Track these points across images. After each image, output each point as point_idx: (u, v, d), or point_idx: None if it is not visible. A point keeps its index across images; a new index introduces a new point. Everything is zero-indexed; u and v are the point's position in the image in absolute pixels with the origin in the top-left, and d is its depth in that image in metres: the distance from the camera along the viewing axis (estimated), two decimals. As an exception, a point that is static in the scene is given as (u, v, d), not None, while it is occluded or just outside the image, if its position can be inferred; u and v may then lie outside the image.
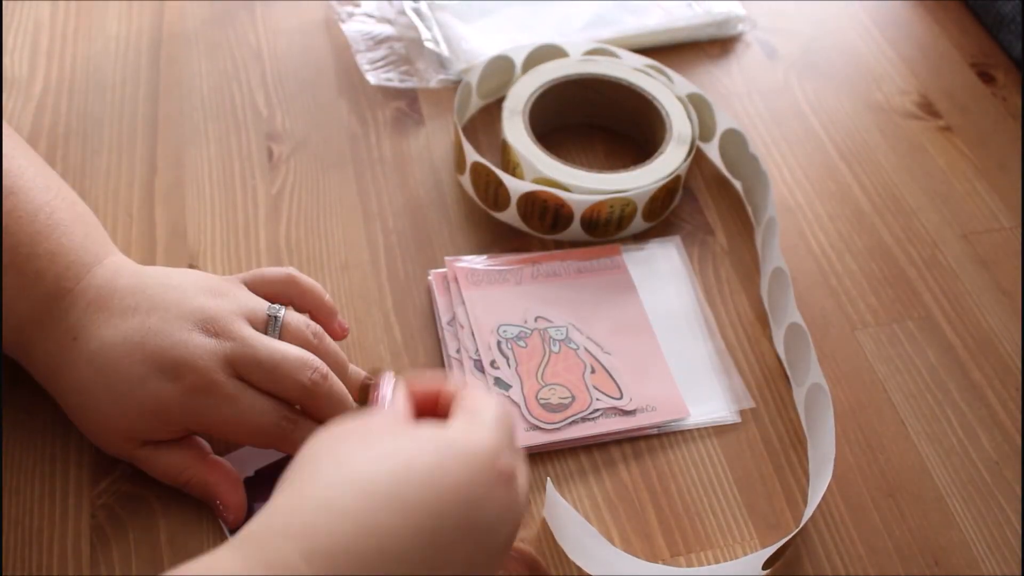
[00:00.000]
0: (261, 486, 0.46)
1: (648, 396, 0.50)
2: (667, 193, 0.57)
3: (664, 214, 0.59)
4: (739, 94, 0.68)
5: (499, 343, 0.52)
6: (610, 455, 0.49)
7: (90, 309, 0.45)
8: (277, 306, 0.47)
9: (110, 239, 0.49)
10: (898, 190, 0.63)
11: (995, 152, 0.65)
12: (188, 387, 0.43)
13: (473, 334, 0.52)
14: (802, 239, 0.59)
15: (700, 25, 0.70)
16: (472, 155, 0.56)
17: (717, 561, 0.46)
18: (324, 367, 0.45)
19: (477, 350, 0.51)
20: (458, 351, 0.51)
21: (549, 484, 0.44)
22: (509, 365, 0.51)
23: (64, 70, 0.65)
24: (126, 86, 0.64)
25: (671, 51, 0.70)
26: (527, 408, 0.49)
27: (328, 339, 0.48)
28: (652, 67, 0.63)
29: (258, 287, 0.48)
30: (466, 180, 0.59)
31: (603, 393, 0.50)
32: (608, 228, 0.57)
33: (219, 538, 0.45)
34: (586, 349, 0.52)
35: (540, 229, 0.57)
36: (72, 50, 0.66)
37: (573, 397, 0.50)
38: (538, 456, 0.49)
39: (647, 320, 0.54)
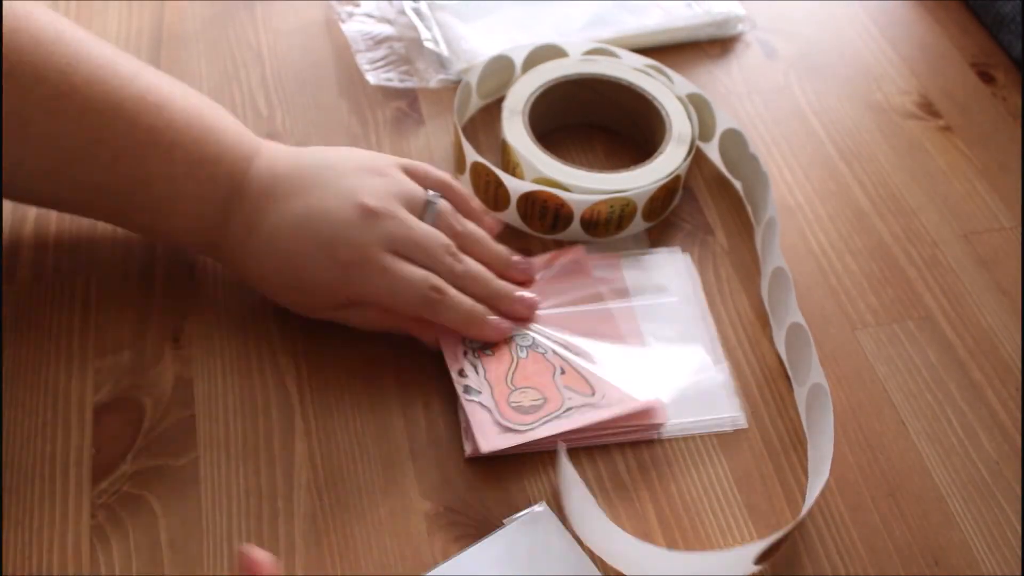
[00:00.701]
0: None
1: (623, 393, 0.50)
2: (667, 193, 0.57)
3: (664, 214, 0.59)
4: (739, 94, 0.68)
5: (465, 352, 0.51)
6: (610, 455, 0.49)
7: (260, 201, 0.49)
8: (434, 193, 0.50)
9: (255, 134, 0.52)
10: (898, 190, 0.63)
11: (995, 152, 0.65)
12: (345, 262, 0.47)
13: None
14: (802, 239, 0.59)
15: (700, 25, 0.70)
16: (472, 155, 0.56)
17: (717, 561, 0.46)
18: (459, 254, 0.50)
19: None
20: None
21: (561, 451, 0.44)
22: (477, 373, 0.50)
23: (64, 70, 0.65)
24: (126, 86, 0.64)
25: (671, 51, 0.70)
26: (499, 411, 0.49)
27: (470, 224, 0.52)
28: (652, 67, 0.63)
29: (415, 177, 0.52)
30: (466, 180, 0.59)
31: (575, 392, 0.50)
32: (608, 228, 0.57)
33: (218, 538, 0.45)
34: (555, 352, 0.52)
35: (540, 229, 0.57)
36: (72, 50, 0.66)
37: (545, 398, 0.49)
38: (537, 456, 0.48)
39: (635, 320, 0.54)
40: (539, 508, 0.46)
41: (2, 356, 0.49)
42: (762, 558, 0.44)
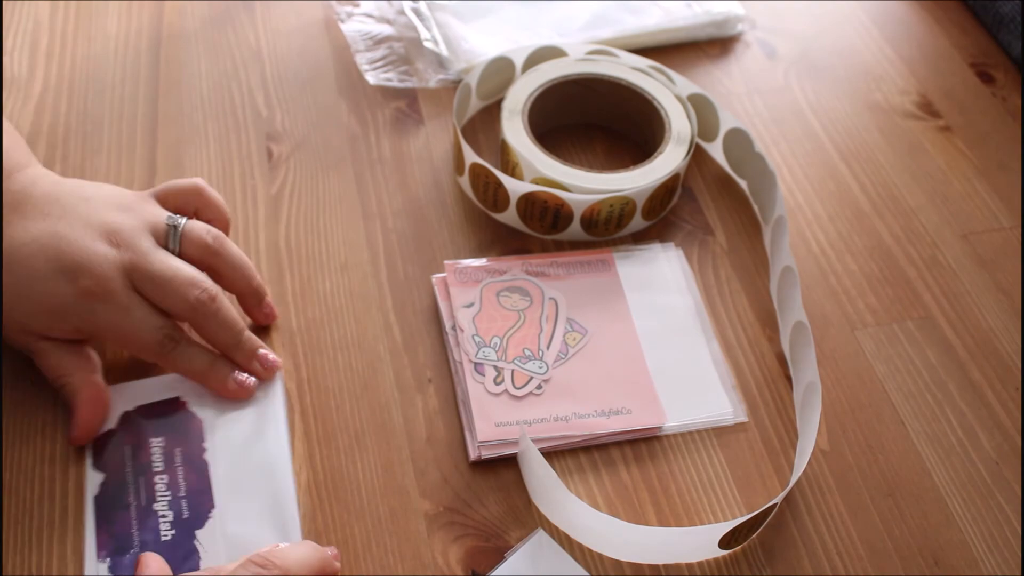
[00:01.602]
0: (135, 424, 0.47)
1: (625, 402, 0.50)
2: (666, 191, 0.57)
3: (663, 212, 0.59)
4: (739, 94, 0.68)
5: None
6: (610, 455, 0.49)
7: (5, 212, 0.46)
8: (177, 216, 0.49)
9: (32, 153, 0.51)
10: (898, 190, 0.63)
11: (995, 152, 0.65)
12: (83, 290, 0.45)
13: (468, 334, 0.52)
14: (802, 239, 0.59)
15: (700, 25, 0.70)
16: (471, 156, 0.56)
17: (717, 561, 0.46)
18: (214, 288, 0.48)
19: (477, 352, 0.51)
20: (474, 355, 0.51)
21: (522, 431, 0.45)
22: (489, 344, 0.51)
23: (64, 70, 0.65)
24: (126, 86, 0.64)
25: (671, 51, 0.70)
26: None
27: (229, 244, 0.50)
28: (653, 67, 0.63)
29: (167, 199, 0.51)
30: (465, 181, 0.59)
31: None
32: (608, 227, 0.57)
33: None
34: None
35: (540, 230, 0.57)
36: (72, 50, 0.66)
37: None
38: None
39: (629, 316, 0.54)
40: (536, 536, 0.46)
41: (2, 356, 0.49)
42: (727, 542, 0.44)
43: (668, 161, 0.57)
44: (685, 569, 0.45)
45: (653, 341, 0.53)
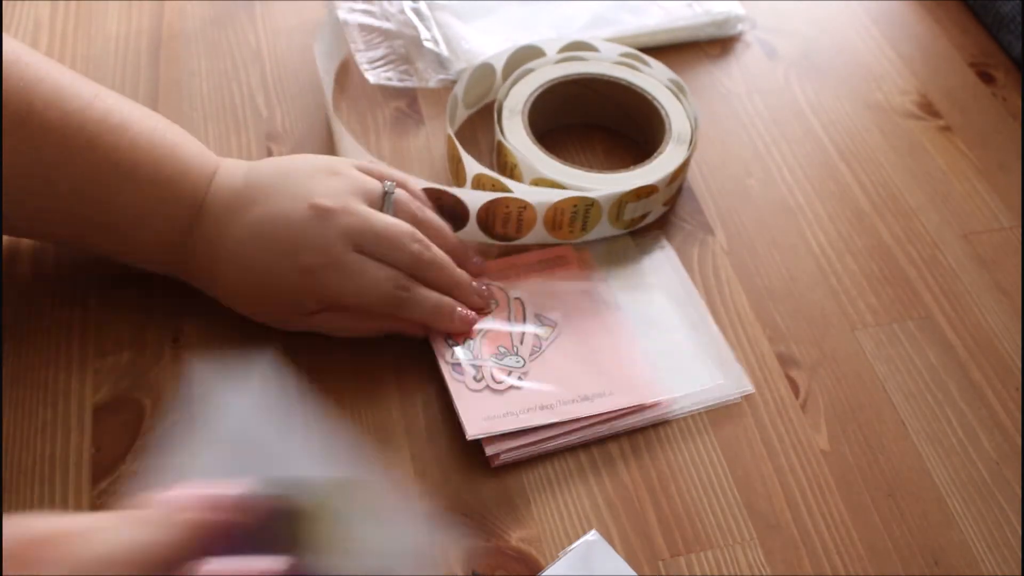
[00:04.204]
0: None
1: (615, 381, 0.50)
2: (637, 198, 0.56)
3: (642, 222, 0.58)
4: (739, 94, 0.68)
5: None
6: (609, 454, 0.49)
7: (221, 216, 0.48)
8: (391, 183, 0.50)
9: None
10: (898, 190, 0.63)
11: (995, 152, 0.65)
12: (307, 266, 0.47)
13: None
14: (802, 239, 0.59)
15: (700, 25, 0.70)
16: (474, 168, 0.55)
17: (717, 562, 0.46)
18: (426, 240, 0.50)
19: (452, 355, 0.51)
20: (450, 357, 0.51)
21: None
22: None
23: (64, 70, 0.65)
24: (126, 86, 0.64)
25: (671, 51, 0.70)
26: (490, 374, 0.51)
27: (430, 213, 0.52)
28: (629, 56, 0.62)
29: (372, 177, 0.51)
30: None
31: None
32: (573, 229, 0.56)
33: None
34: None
35: (503, 237, 0.55)
36: (72, 50, 0.66)
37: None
38: (538, 456, 0.48)
39: (618, 305, 0.54)
40: (591, 537, 0.46)
41: (2, 356, 0.49)
42: None
43: (668, 161, 0.57)
44: (685, 568, 0.45)
45: (629, 323, 0.54)
